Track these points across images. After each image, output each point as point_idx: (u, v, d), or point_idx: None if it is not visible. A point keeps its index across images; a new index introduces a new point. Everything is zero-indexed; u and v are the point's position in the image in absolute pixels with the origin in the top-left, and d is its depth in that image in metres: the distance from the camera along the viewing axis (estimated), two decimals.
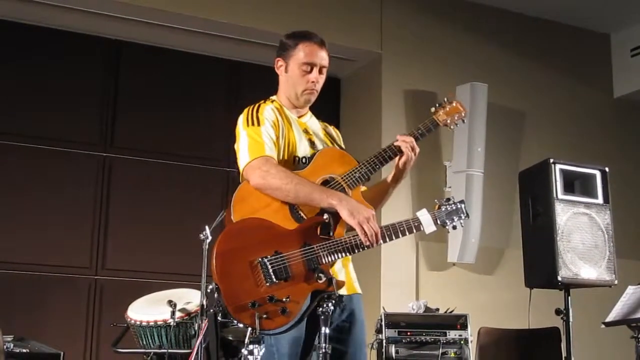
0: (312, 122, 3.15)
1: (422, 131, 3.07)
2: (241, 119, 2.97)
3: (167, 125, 6.39)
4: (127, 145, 6.26)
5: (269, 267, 2.62)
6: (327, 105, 6.86)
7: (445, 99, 3.18)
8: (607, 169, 4.53)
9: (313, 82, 3.03)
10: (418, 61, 6.72)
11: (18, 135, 5.92)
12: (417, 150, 3.02)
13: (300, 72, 3.03)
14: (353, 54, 6.71)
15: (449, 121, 3.15)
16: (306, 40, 3.06)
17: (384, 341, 4.83)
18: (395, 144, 3.01)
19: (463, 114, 3.19)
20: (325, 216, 2.73)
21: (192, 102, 6.45)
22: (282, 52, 3.09)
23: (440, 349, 4.85)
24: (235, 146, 2.96)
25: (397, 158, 3.01)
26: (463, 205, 2.97)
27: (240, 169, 2.88)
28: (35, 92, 6.04)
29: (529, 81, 7.14)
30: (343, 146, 3.17)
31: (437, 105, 3.16)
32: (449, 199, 2.98)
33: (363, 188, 3.06)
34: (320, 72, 3.05)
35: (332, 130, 3.22)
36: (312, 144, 3.04)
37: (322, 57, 3.05)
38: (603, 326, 4.56)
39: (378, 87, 6.60)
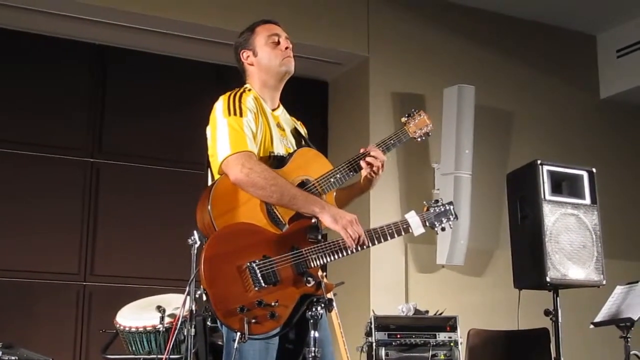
0: (284, 117, 3.12)
1: (395, 142, 3.09)
2: (220, 106, 2.89)
3: (154, 130, 6.36)
4: (114, 150, 6.24)
5: (258, 271, 2.60)
6: (314, 109, 6.92)
7: (414, 110, 3.19)
8: (594, 170, 4.56)
9: (287, 48, 3.05)
10: (405, 64, 6.73)
11: (3, 141, 5.88)
12: (382, 170, 3.02)
13: (270, 46, 3.04)
14: (340, 57, 6.72)
15: (417, 134, 3.17)
16: (260, 23, 3.11)
17: (374, 344, 4.82)
18: (367, 159, 2.99)
19: (430, 128, 3.20)
20: (313, 220, 2.73)
21: (179, 107, 6.42)
22: (244, 45, 3.09)
23: (430, 351, 4.85)
24: (210, 133, 2.89)
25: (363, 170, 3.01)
26: (452, 207, 2.97)
27: (218, 160, 2.78)
28: (21, 98, 6.00)
29: (516, 83, 7.17)
30: (309, 141, 3.15)
31: (407, 115, 3.18)
32: (437, 201, 2.98)
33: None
34: (286, 40, 3.07)
35: (300, 126, 3.19)
36: (284, 140, 3.01)
37: (282, 30, 3.10)
38: (592, 326, 4.58)
39: (365, 90, 6.61)
